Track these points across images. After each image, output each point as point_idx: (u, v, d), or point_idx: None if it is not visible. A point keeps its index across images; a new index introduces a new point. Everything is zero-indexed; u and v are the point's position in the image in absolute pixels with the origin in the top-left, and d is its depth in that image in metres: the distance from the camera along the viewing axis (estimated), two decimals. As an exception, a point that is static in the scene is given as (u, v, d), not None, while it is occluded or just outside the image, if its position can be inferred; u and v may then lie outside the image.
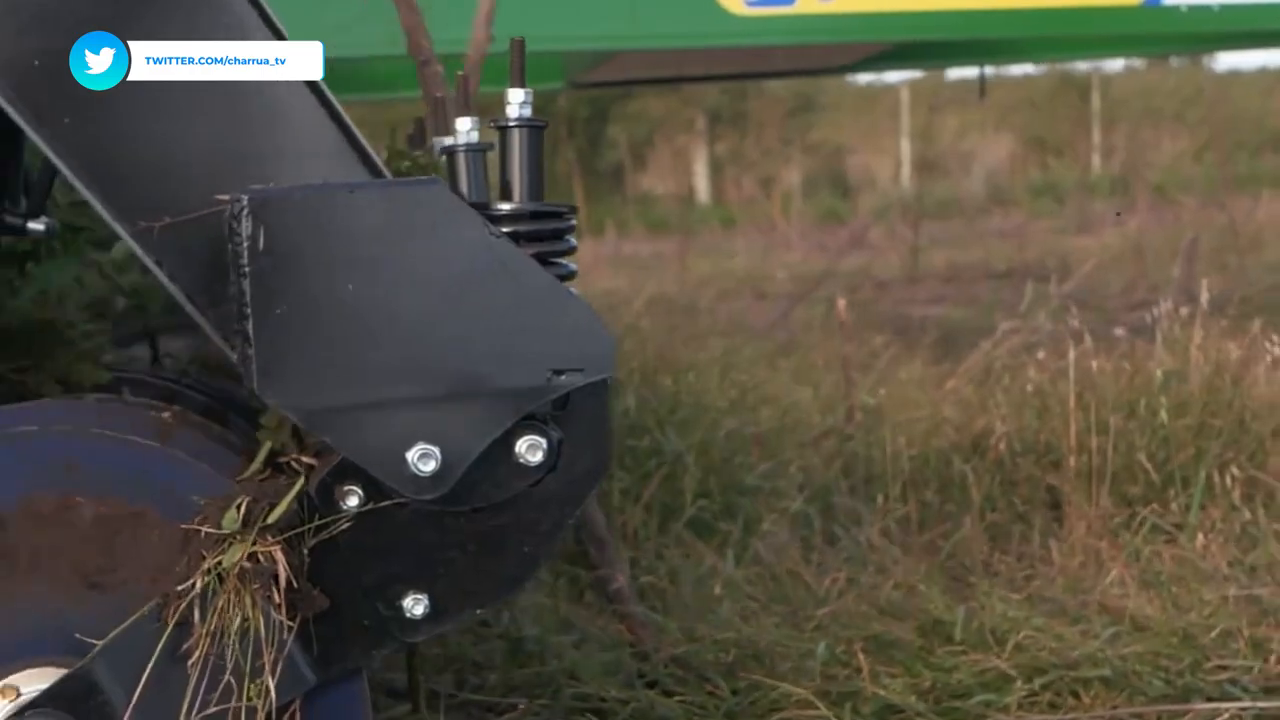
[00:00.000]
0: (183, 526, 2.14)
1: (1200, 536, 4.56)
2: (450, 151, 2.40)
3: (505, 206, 2.19)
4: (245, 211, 2.05)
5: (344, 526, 2.17)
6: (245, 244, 2.06)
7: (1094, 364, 5.44)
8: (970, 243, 16.07)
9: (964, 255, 14.69)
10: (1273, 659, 3.62)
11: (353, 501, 2.18)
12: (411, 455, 2.09)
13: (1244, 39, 6.41)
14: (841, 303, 6.41)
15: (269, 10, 2.40)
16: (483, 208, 2.16)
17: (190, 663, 2.11)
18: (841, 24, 5.49)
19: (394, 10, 3.92)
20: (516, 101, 2.20)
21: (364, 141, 2.42)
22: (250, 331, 2.06)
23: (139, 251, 2.32)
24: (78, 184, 2.31)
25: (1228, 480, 4.79)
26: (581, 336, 2.13)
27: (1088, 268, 9.64)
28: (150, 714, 2.12)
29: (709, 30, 5.46)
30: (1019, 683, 3.49)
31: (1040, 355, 5.75)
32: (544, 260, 2.16)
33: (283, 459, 2.34)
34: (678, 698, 3.48)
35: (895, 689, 3.47)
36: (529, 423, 2.16)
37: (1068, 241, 15.92)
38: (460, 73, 2.49)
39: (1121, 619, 3.90)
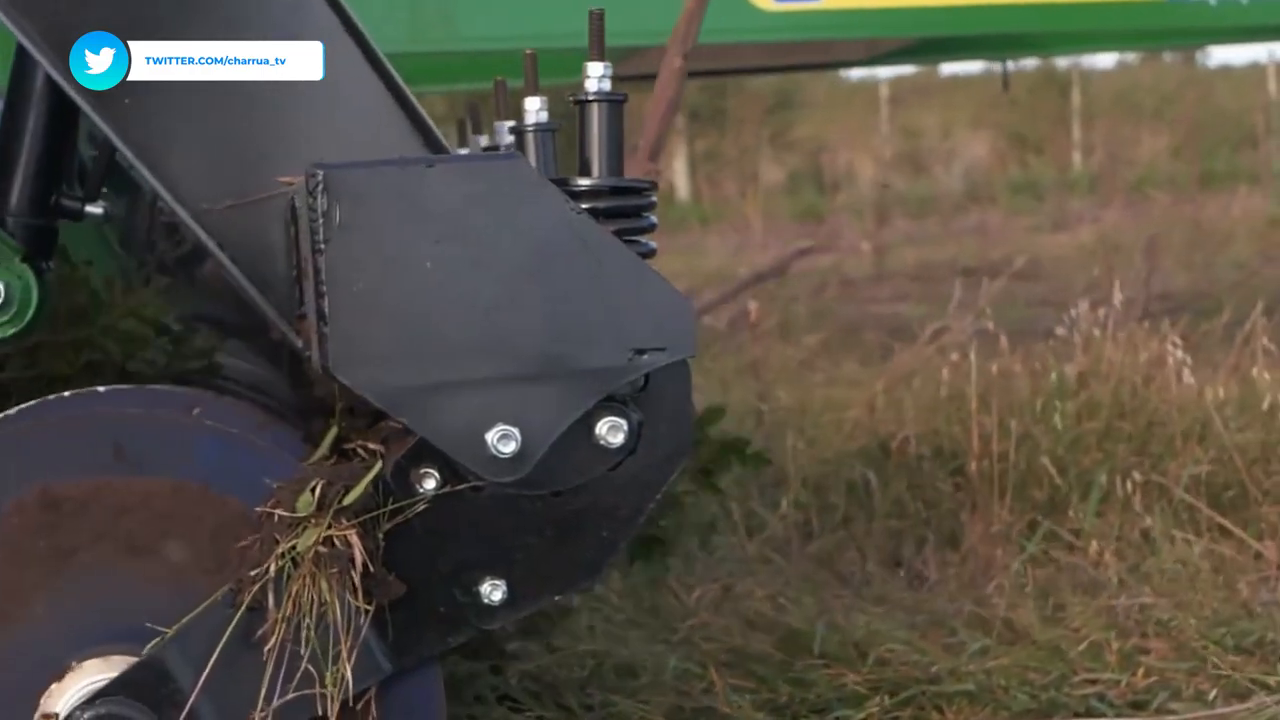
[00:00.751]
0: (257, 509, 2.09)
1: (1094, 544, 4.47)
2: (519, 132, 2.35)
3: (584, 182, 2.14)
4: (320, 186, 2.00)
5: (420, 510, 2.12)
6: (320, 220, 2.00)
7: (994, 366, 5.40)
8: (945, 240, 16.02)
9: (937, 253, 14.65)
10: (1141, 672, 3.53)
11: (429, 484, 2.13)
12: (491, 436, 2.04)
13: (1273, 33, 6.38)
14: (754, 305, 6.34)
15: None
16: (562, 183, 2.11)
17: (265, 649, 2.06)
18: (868, 19, 5.45)
19: (417, 10, 3.89)
20: (595, 75, 2.15)
21: (432, 125, 2.36)
22: (326, 310, 2.01)
23: (201, 235, 2.28)
24: (139, 165, 2.26)
25: (1129, 486, 4.69)
26: (663, 315, 2.08)
27: (1014, 270, 9.58)
28: (223, 702, 2.07)
29: (738, 26, 5.42)
30: (877, 698, 3.41)
31: (954, 357, 5.70)
32: (624, 237, 2.11)
33: (348, 445, 2.29)
34: (529, 713, 3.39)
35: (748, 705, 3.38)
36: (609, 404, 2.11)
37: (1042, 239, 15.93)
38: (528, 51, 2.43)
39: (995, 630, 3.84)
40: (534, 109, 2.34)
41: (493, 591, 2.16)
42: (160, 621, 2.07)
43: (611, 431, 2.12)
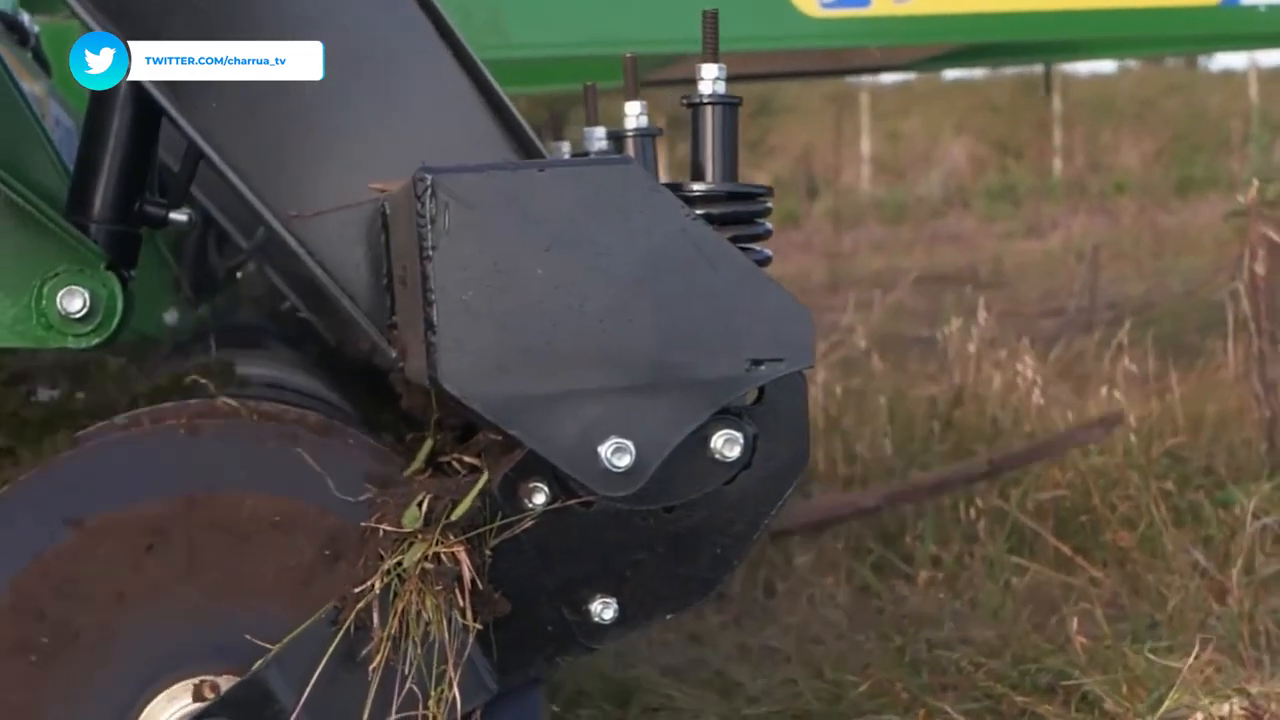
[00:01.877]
0: (361, 524, 2.02)
1: (923, 574, 4.37)
2: (618, 136, 2.29)
3: (699, 187, 2.07)
4: (429, 190, 1.93)
5: (528, 525, 2.05)
6: (429, 225, 1.93)
7: (839, 387, 5.30)
8: (915, 247, 15.97)
9: (904, 260, 14.59)
10: (923, 713, 3.39)
11: (539, 499, 2.06)
12: (604, 449, 1.96)
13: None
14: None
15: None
16: (676, 188, 2.05)
17: (370, 669, 1.99)
18: (917, 26, 5.38)
19: (467, 17, 3.84)
20: (710, 77, 2.09)
21: (529, 132, 2.29)
22: (434, 318, 1.94)
23: (290, 242, 2.21)
24: (225, 171, 2.20)
25: (972, 512, 4.59)
26: (781, 324, 2.00)
27: (909, 280, 9.51)
28: None
29: (784, 33, 5.35)
30: None
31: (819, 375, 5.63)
32: (739, 244, 2.04)
33: (444, 458, 2.23)
34: None
35: None
36: (724, 415, 2.04)
37: (1014, 245, 15.91)
38: (628, 55, 2.37)
39: (783, 667, 3.74)
40: (634, 113, 2.29)
41: (603, 610, 2.09)
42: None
43: (728, 445, 2.06)
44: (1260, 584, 4.00)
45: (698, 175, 2.09)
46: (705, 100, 2.08)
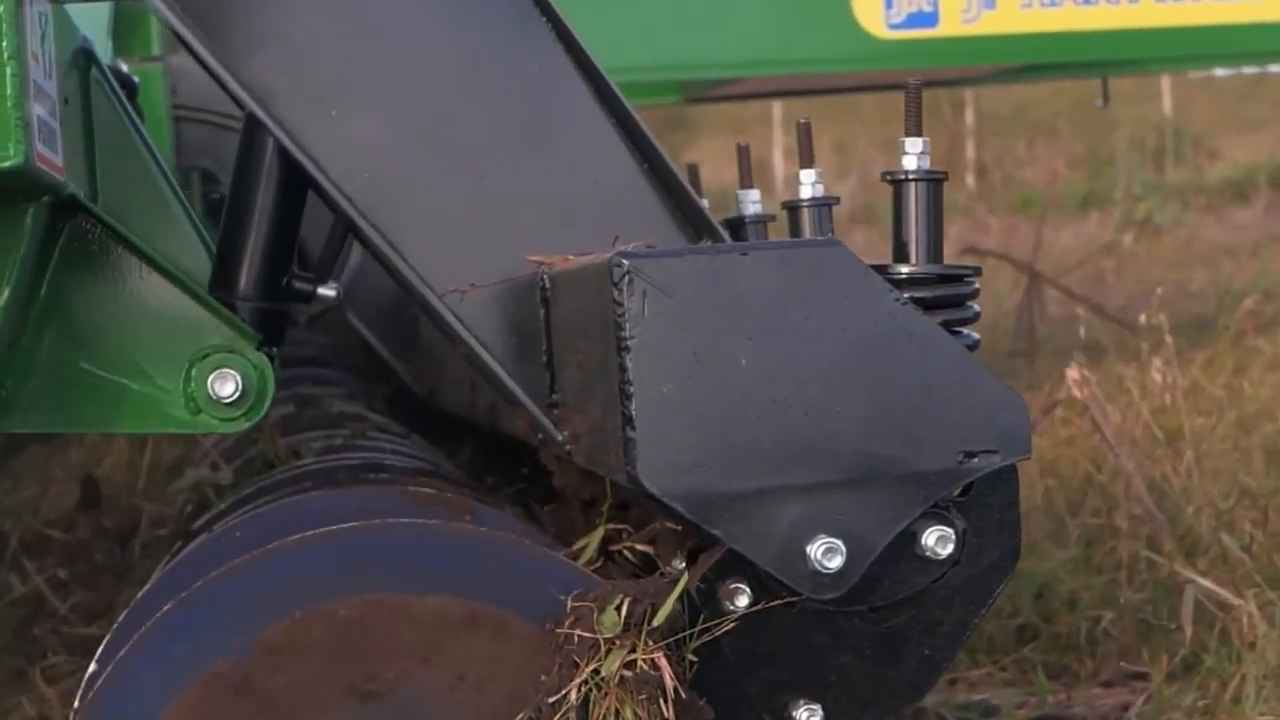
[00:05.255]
0: (555, 629, 1.89)
1: None
2: (794, 207, 2.18)
3: (905, 269, 1.96)
4: (627, 278, 1.81)
5: (727, 628, 1.94)
6: (626, 315, 1.81)
7: None
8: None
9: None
10: None
11: (741, 601, 1.94)
12: (813, 550, 1.85)
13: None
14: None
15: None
16: (881, 270, 1.93)
17: (569, 786, 1.87)
18: (985, 46, 5.31)
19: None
20: (914, 152, 1.98)
21: (694, 197, 2.18)
22: (633, 413, 1.82)
23: (448, 319, 2.10)
24: (378, 244, 2.08)
25: None
26: (996, 414, 1.90)
27: None
28: None
29: (851, 54, 5.27)
30: None
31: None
32: (948, 328, 1.93)
33: (614, 547, 2.12)
34: None
35: None
36: (934, 510, 1.93)
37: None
38: (802, 120, 2.25)
39: None
40: (809, 181, 2.17)
41: (809, 717, 1.97)
42: None
43: (940, 542, 1.94)
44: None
45: (901, 255, 1.98)
46: (909, 176, 1.97)
